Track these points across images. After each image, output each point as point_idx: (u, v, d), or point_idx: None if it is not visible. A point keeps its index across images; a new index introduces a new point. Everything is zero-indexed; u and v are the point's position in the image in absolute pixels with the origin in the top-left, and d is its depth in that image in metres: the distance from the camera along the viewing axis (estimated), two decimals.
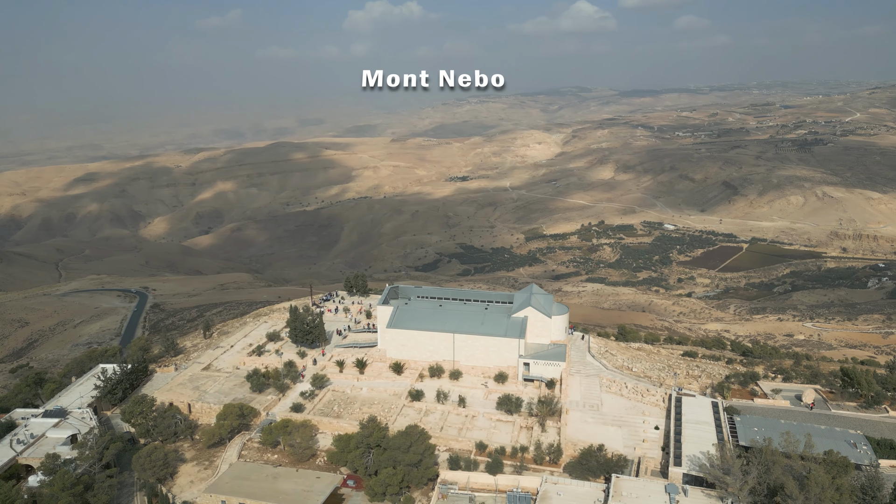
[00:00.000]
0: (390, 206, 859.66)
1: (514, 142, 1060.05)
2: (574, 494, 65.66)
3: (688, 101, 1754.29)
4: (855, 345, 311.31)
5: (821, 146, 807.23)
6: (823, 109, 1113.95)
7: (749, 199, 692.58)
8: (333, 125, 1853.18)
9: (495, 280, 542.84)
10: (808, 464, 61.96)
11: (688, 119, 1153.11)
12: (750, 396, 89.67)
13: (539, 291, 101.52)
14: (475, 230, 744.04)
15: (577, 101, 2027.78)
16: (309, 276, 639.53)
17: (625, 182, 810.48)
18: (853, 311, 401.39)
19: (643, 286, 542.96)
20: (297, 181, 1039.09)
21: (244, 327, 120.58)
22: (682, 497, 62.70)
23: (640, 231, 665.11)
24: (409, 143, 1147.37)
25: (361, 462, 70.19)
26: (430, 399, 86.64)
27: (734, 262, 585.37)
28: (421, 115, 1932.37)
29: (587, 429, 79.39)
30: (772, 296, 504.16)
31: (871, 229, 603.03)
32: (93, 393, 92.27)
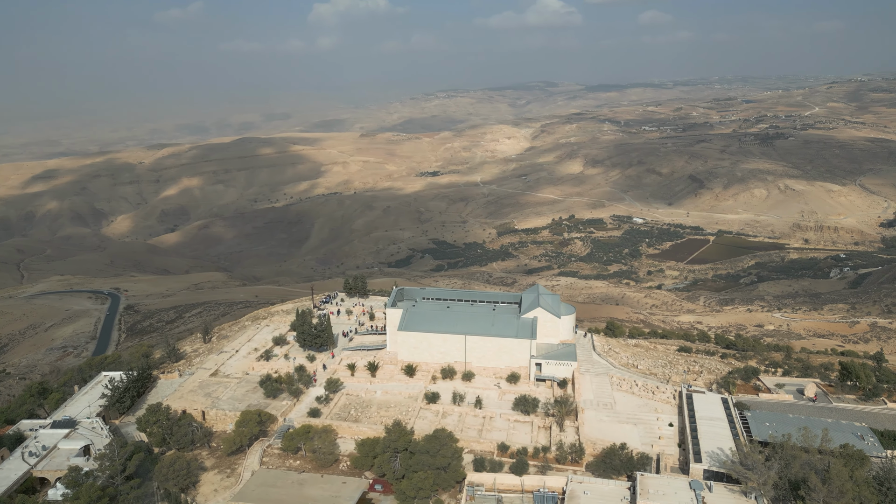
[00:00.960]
0: (361, 201, 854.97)
1: (483, 136, 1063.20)
2: (600, 493, 67.33)
3: (653, 95, 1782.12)
4: (823, 334, 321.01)
5: (782, 140, 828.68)
6: (783, 104, 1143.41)
7: (715, 192, 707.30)
8: (300, 120, 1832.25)
9: (469, 276, 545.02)
10: (825, 457, 64.70)
11: (653, 114, 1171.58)
12: (754, 391, 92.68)
13: (545, 292, 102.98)
14: (447, 225, 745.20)
15: (544, 96, 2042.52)
16: (280, 274, 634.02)
17: (593, 176, 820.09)
18: (818, 301, 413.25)
19: (614, 279, 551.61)
20: (265, 177, 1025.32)
21: (244, 331, 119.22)
22: (706, 493, 64.88)
23: (610, 225, 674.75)
24: (378, 138, 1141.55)
25: (389, 466, 70.67)
26: (446, 401, 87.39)
27: (701, 255, 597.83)
28: (389, 110, 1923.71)
29: (603, 427, 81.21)
30: (739, 287, 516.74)
31: (831, 221, 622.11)
32: (100, 402, 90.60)
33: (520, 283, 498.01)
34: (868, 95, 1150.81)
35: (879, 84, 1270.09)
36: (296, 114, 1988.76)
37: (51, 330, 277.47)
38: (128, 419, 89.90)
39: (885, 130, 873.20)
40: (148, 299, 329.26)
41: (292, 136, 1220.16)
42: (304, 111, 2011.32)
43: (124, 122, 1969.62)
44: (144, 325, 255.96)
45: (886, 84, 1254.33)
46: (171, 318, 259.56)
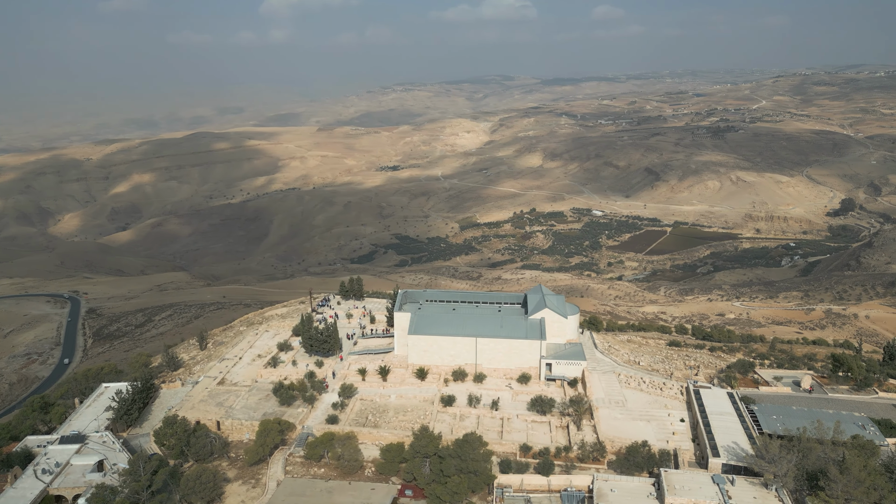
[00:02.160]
0: (321, 197, 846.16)
1: (442, 130, 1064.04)
2: (626, 490, 69.56)
3: (607, 89, 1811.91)
4: (781, 321, 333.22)
5: (732, 133, 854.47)
6: (732, 97, 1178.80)
7: (670, 184, 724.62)
8: (254, 114, 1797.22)
9: (434, 270, 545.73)
10: (838, 448, 68.35)
11: (609, 107, 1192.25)
12: (754, 385, 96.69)
13: (549, 292, 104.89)
14: (410, 220, 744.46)
15: (501, 90, 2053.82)
16: (239, 273, 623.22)
17: (553, 169, 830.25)
18: (773, 290, 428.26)
19: (576, 271, 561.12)
20: (220, 173, 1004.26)
21: (242, 337, 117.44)
22: (729, 487, 67.78)
23: (570, 218, 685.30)
24: (336, 132, 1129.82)
25: (420, 471, 71.33)
26: (462, 404, 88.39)
27: (659, 246, 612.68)
28: (346, 104, 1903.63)
29: (618, 425, 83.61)
30: (696, 276, 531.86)
31: (781, 211, 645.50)
32: (107, 415, 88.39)
33: (485, 276, 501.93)
34: (812, 89, 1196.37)
35: (822, 78, 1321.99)
36: (249, 107, 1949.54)
37: (10, 336, 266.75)
38: (135, 431, 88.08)
39: (828, 123, 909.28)
40: (110, 302, 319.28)
41: (247, 130, 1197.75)
42: (258, 105, 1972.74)
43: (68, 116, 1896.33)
44: (112, 330, 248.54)
45: (829, 78, 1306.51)
46: (140, 321, 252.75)
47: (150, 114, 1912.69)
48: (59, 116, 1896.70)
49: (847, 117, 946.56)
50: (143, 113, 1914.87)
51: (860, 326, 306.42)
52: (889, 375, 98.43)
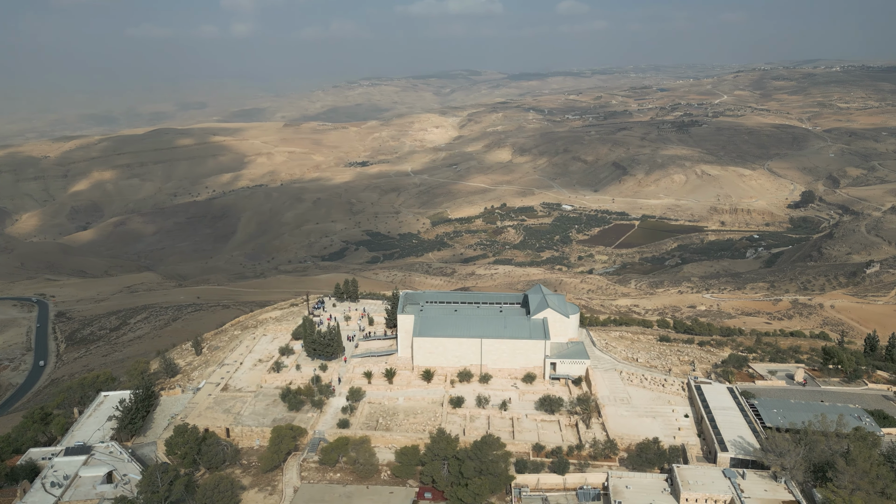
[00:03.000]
0: (289, 193, 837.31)
1: (411, 126, 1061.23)
2: (641, 486, 71.38)
3: (572, 84, 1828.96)
4: (750, 312, 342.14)
5: (696, 127, 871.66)
6: (695, 92, 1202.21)
7: (637, 178, 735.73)
8: (217, 109, 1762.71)
9: (408, 267, 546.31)
10: (842, 440, 71.22)
11: (575, 102, 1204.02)
12: (750, 379, 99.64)
13: (549, 292, 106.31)
14: (380, 216, 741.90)
15: (468, 85, 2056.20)
16: (207, 272, 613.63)
17: (522, 164, 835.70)
18: (740, 281, 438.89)
19: (548, 265, 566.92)
20: (185, 170, 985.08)
21: (238, 341, 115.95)
22: (741, 480, 70.11)
23: (541, 212, 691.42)
24: (303, 128, 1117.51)
25: (440, 473, 71.93)
26: (471, 405, 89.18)
27: (628, 239, 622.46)
28: (312, 98, 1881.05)
29: (625, 422, 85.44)
30: (665, 269, 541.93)
31: (745, 203, 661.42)
32: (111, 425, 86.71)
33: (459, 272, 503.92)
34: (771, 83, 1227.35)
35: (781, 73, 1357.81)
36: (212, 103, 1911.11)
37: None
38: (140, 440, 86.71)
39: (787, 117, 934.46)
40: (79, 305, 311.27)
41: (212, 126, 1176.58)
42: (221, 100, 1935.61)
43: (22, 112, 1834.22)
44: (85, 334, 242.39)
45: (787, 73, 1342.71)
46: (115, 325, 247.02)
47: (109, 109, 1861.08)
48: (13, 113, 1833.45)
49: (805, 111, 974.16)
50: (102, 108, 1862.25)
51: (826, 316, 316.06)
52: (875, 367, 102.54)
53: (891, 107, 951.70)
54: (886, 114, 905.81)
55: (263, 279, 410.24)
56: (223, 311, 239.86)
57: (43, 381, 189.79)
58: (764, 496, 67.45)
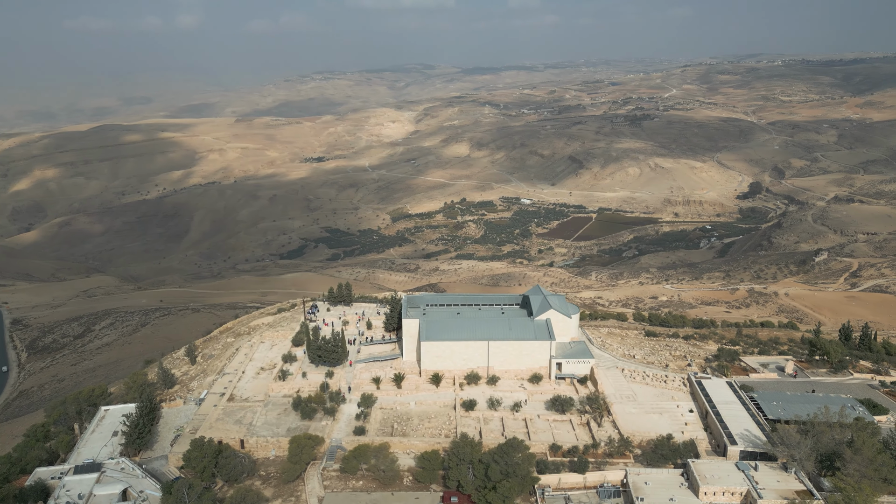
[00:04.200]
0: (244, 190, 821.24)
1: (367, 120, 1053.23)
2: (659, 481, 73.80)
3: (526, 78, 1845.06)
4: (710, 302, 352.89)
5: (648, 121, 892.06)
6: (645, 86, 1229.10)
7: (593, 171, 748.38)
8: (164, 104, 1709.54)
9: (371, 263, 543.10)
10: (845, 431, 75.08)
11: (530, 97, 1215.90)
12: (743, 372, 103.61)
13: (548, 293, 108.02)
14: (339, 213, 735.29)
15: (422, 79, 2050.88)
16: (161, 273, 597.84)
17: (480, 159, 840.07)
18: (697, 271, 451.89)
19: (509, 259, 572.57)
20: (132, 167, 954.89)
21: (233, 348, 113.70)
22: (754, 472, 73.17)
23: (500, 206, 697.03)
24: (255, 123, 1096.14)
25: (466, 478, 72.65)
26: (483, 407, 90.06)
27: (586, 232, 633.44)
28: (263, 93, 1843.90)
29: (634, 419, 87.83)
30: (623, 261, 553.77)
31: (697, 195, 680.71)
32: (117, 440, 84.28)
33: (423, 268, 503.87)
34: (717, 77, 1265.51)
35: (726, 67, 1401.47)
36: (158, 97, 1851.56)
37: None
38: (148, 454, 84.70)
39: (734, 110, 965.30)
40: (35, 311, 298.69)
41: (160, 122, 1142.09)
42: (168, 95, 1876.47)
43: None
44: (47, 342, 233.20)
45: (731, 67, 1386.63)
46: (78, 332, 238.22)
47: (48, 105, 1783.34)
48: None
49: (750, 104, 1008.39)
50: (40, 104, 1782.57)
51: (781, 304, 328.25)
52: (857, 357, 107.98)
53: (830, 100, 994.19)
54: (826, 106, 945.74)
55: (226, 280, 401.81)
56: (194, 315, 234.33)
57: (10, 394, 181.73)
58: (777, 487, 70.71)
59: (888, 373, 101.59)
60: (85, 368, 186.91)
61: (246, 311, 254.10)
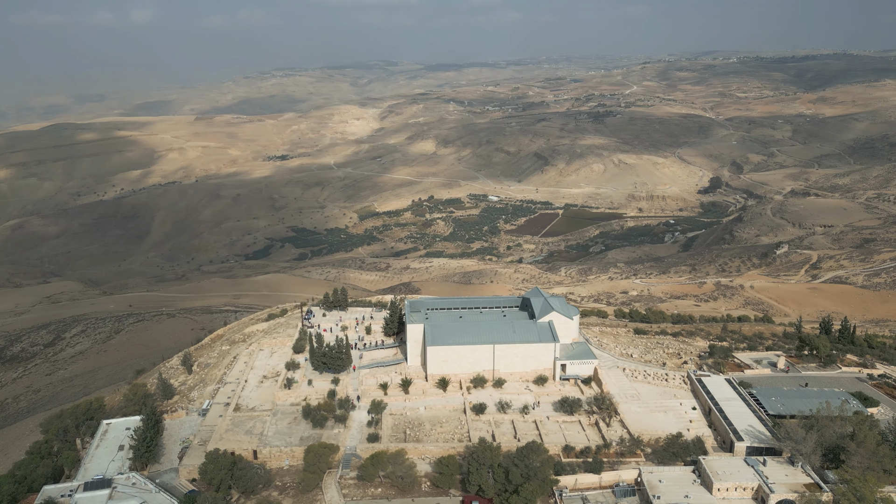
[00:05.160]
0: (206, 190, 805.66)
1: (331, 118, 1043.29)
2: (672, 479, 75.77)
3: (489, 75, 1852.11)
4: (679, 296, 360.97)
5: (611, 118, 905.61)
6: (607, 83, 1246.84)
7: (559, 168, 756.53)
8: (119, 102, 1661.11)
9: (340, 263, 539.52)
10: (846, 424, 78.22)
11: (494, 94, 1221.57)
12: (738, 368, 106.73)
13: (549, 295, 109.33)
14: (305, 211, 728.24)
15: (385, 75, 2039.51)
16: (121, 276, 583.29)
17: (446, 156, 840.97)
18: (664, 265, 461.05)
19: (478, 256, 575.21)
20: (88, 167, 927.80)
21: (230, 356, 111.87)
22: (762, 467, 75.72)
23: (468, 204, 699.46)
24: (216, 121, 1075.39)
25: (487, 482, 73.32)
26: (493, 411, 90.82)
27: (553, 228, 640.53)
28: (222, 90, 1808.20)
29: (640, 418, 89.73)
30: (590, 256, 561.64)
31: (659, 190, 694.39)
32: (123, 454, 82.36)
33: (394, 267, 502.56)
34: (675, 74, 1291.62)
35: (683, 64, 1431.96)
36: (113, 95, 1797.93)
37: None
38: (156, 468, 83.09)
39: (692, 107, 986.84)
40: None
41: (116, 120, 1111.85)
42: (122, 92, 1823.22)
43: None
44: (16, 351, 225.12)
45: (689, 64, 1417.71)
46: (48, 340, 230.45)
47: None
48: None
49: (708, 101, 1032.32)
50: None
51: (747, 296, 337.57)
52: (841, 351, 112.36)
53: (784, 96, 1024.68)
54: (780, 102, 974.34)
55: (196, 283, 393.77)
56: (170, 321, 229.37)
57: None
58: (786, 481, 73.39)
59: (874, 366, 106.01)
60: (61, 378, 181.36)
61: (222, 315, 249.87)
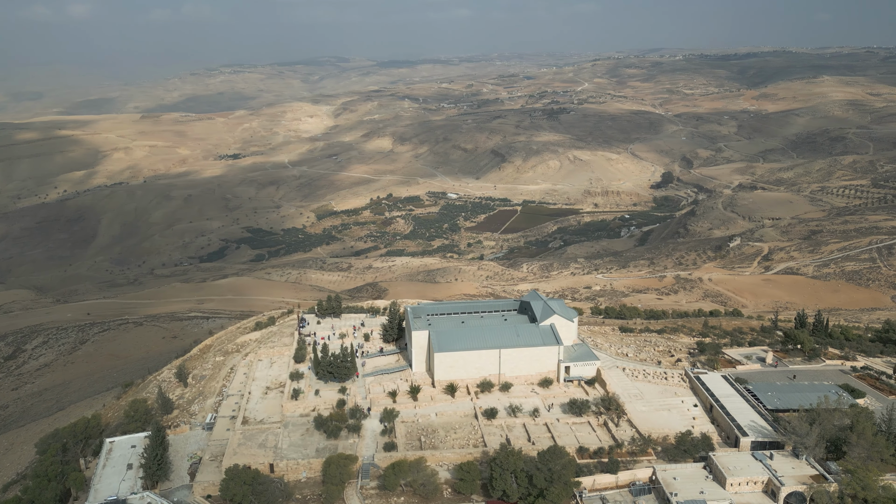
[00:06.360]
0: (156, 191, 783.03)
1: (283, 115, 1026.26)
2: (685, 476, 78.33)
3: (442, 71, 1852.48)
4: (641, 289, 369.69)
5: (565, 114, 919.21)
6: (559, 80, 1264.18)
7: (516, 164, 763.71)
8: (57, 99, 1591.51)
9: (301, 264, 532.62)
10: (843, 416, 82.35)
11: (448, 90, 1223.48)
12: (730, 365, 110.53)
13: (547, 298, 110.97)
14: (260, 211, 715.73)
15: (337, 72, 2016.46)
16: (68, 281, 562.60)
17: (403, 153, 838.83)
18: (623, 260, 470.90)
19: (440, 253, 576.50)
20: (28, 168, 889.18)
21: (229, 368, 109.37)
22: (770, 461, 79.02)
23: (427, 201, 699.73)
24: (163, 119, 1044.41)
25: (511, 487, 74.22)
26: (503, 415, 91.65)
27: (512, 224, 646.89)
28: (168, 87, 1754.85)
29: (646, 417, 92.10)
30: (550, 251, 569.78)
31: (614, 186, 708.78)
32: (133, 473, 79.87)
33: (356, 266, 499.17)
34: (624, 71, 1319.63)
35: (632, 61, 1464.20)
36: (50, 92, 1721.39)
37: None
38: (167, 485, 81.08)
39: (642, 103, 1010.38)
40: None
41: (56, 119, 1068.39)
42: (61, 89, 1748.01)
43: None
44: None
45: (637, 61, 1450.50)
46: (7, 352, 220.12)
47: None
48: None
49: (657, 97, 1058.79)
50: None
51: (706, 289, 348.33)
52: (822, 344, 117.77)
53: (728, 92, 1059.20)
54: (725, 99, 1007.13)
55: (157, 288, 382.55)
56: (137, 330, 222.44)
57: None
58: (793, 473, 76.84)
59: (855, 358, 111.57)
60: (29, 393, 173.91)
61: (191, 321, 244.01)
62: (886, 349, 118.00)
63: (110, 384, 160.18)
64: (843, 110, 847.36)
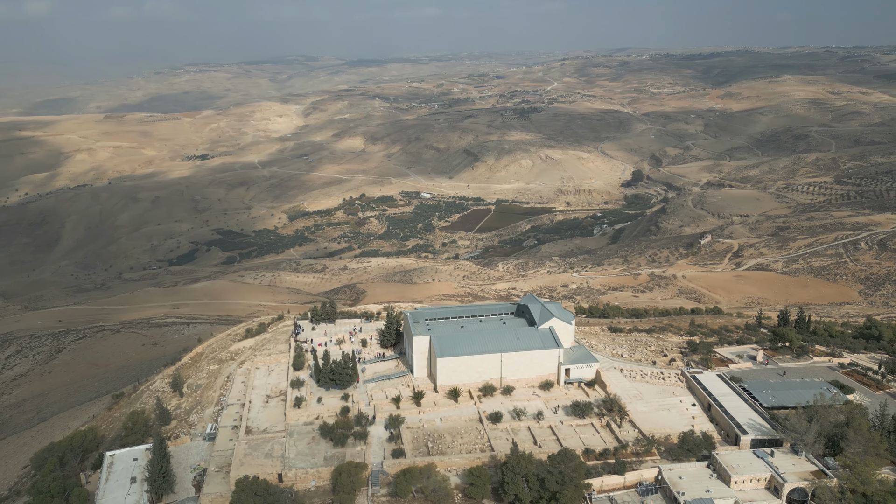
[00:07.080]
0: (121, 193, 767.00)
1: (252, 115, 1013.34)
2: (690, 475, 79.93)
3: (412, 71, 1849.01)
4: (616, 287, 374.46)
5: (536, 114, 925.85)
6: (528, 79, 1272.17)
7: (488, 164, 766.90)
8: (16, 100, 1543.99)
9: (274, 266, 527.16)
10: (840, 413, 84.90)
11: (419, 90, 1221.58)
12: (723, 364, 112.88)
13: (544, 301, 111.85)
14: (230, 213, 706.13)
15: (305, 71, 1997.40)
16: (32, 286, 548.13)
17: (375, 153, 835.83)
18: (597, 258, 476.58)
19: (415, 253, 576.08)
20: None
21: (225, 377, 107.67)
22: (771, 459, 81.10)
23: (401, 201, 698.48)
24: (127, 119, 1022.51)
25: (523, 491, 74.80)
26: (508, 419, 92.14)
27: (486, 223, 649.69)
28: (131, 86, 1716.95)
29: (648, 417, 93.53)
30: (524, 250, 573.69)
31: (586, 184, 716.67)
32: (137, 487, 78.25)
33: (331, 268, 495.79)
34: (593, 71, 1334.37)
35: (600, 60, 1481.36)
36: (7, 92, 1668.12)
37: None
38: (172, 498, 79.72)
39: (611, 102, 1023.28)
40: None
41: (15, 119, 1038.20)
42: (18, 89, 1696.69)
43: None
44: None
45: (605, 60, 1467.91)
46: None
47: None
48: None
49: (625, 96, 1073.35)
50: None
51: (680, 286, 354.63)
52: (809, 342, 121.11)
53: (694, 91, 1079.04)
54: (691, 98, 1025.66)
55: (129, 293, 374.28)
56: (115, 337, 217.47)
57: None
58: (794, 470, 79.07)
59: (841, 355, 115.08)
60: (7, 404, 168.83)
61: (170, 327, 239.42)
62: (870, 345, 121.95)
63: (92, 394, 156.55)
64: (805, 109, 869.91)
